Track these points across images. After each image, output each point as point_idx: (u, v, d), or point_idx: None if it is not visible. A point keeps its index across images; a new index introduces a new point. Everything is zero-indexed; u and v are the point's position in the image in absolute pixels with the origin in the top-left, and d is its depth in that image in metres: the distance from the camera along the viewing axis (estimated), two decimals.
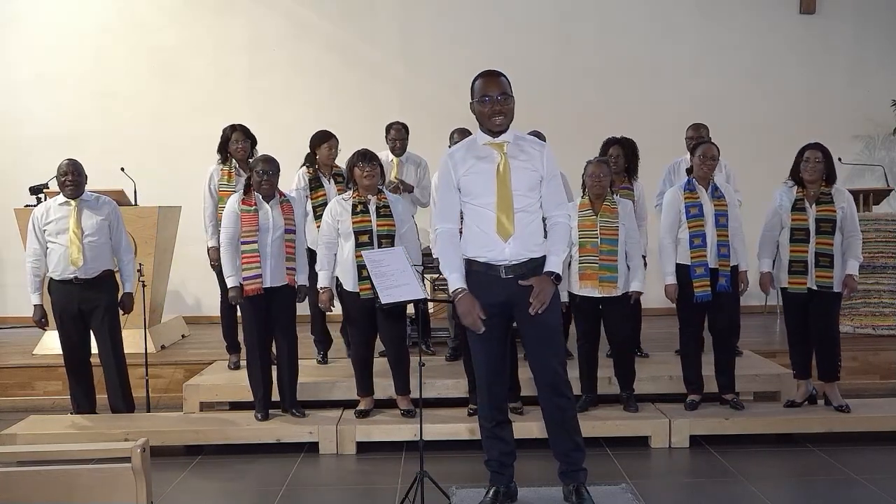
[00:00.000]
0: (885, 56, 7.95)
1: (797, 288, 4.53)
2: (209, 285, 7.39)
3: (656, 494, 3.86)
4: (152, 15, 7.77)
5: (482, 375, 3.36)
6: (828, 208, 4.45)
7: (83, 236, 4.58)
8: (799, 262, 4.51)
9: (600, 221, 4.48)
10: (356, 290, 4.40)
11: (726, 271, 4.52)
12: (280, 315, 4.55)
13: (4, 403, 5.52)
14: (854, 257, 4.48)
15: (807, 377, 4.75)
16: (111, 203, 4.78)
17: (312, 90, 7.79)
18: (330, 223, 4.48)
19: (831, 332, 4.59)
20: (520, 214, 3.21)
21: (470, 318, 3.17)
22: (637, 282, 4.59)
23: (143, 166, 6.54)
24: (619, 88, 7.78)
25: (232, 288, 4.50)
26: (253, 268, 4.42)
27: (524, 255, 3.21)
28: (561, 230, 3.27)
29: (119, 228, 4.76)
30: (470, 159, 3.27)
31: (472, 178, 3.24)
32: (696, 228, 4.53)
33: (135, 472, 2.41)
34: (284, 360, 4.62)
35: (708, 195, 4.55)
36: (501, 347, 3.33)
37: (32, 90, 7.71)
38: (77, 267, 4.57)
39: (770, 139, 7.55)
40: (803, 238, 4.50)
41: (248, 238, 4.42)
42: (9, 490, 2.40)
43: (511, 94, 3.22)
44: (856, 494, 3.87)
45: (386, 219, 4.40)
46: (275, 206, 4.49)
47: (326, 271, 4.50)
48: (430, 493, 3.50)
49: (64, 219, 4.60)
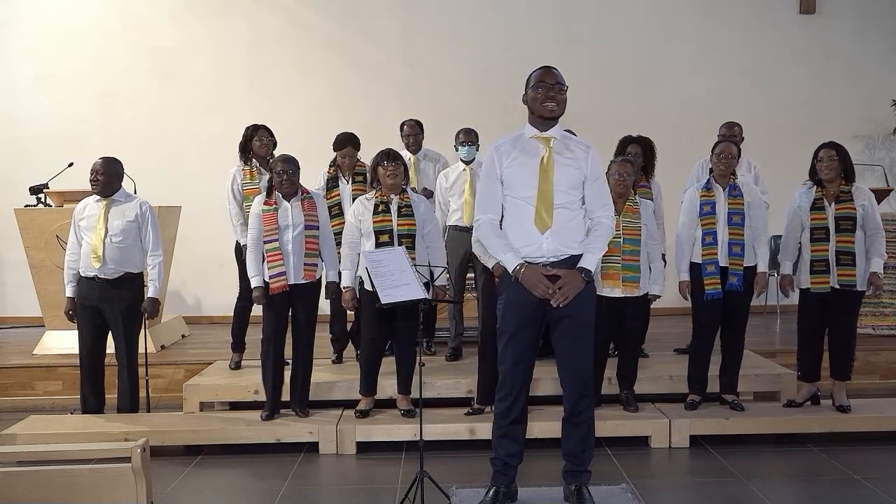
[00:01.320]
0: (885, 56, 7.95)
1: (820, 287, 4.51)
2: (209, 285, 7.43)
3: (656, 494, 3.86)
4: (152, 15, 7.77)
5: (508, 371, 3.34)
6: (847, 206, 4.44)
7: (106, 235, 4.58)
8: (820, 262, 4.49)
9: (623, 221, 4.48)
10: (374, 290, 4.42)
11: (738, 270, 4.51)
12: (300, 313, 4.56)
13: (4, 403, 5.52)
14: (878, 255, 4.47)
15: (813, 381, 4.72)
16: (144, 205, 4.72)
17: (312, 90, 7.79)
18: (353, 223, 4.50)
19: (851, 331, 4.59)
20: (559, 210, 3.20)
21: (541, 287, 3.15)
22: (657, 285, 4.60)
23: (143, 166, 6.52)
24: (618, 88, 7.79)
25: (256, 288, 4.53)
26: (277, 265, 4.45)
27: (563, 251, 3.21)
28: (603, 230, 3.28)
29: (149, 230, 4.71)
30: (514, 152, 3.28)
31: (514, 171, 3.25)
32: (707, 226, 4.55)
33: (135, 472, 2.41)
34: (300, 358, 4.62)
35: (725, 194, 4.55)
36: (532, 346, 3.33)
37: (32, 90, 7.71)
38: (96, 267, 4.57)
39: (770, 139, 7.54)
40: (823, 237, 4.49)
41: (270, 237, 4.45)
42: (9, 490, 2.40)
43: (566, 86, 3.25)
44: (856, 494, 3.87)
45: (407, 218, 4.41)
46: (295, 203, 4.50)
47: (350, 271, 4.51)
48: (430, 493, 3.51)
49: (94, 216, 4.61)
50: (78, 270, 4.68)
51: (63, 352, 5.72)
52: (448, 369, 5.20)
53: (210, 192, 5.23)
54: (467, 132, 5.33)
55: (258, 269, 4.51)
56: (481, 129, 5.52)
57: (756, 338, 6.15)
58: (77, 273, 4.68)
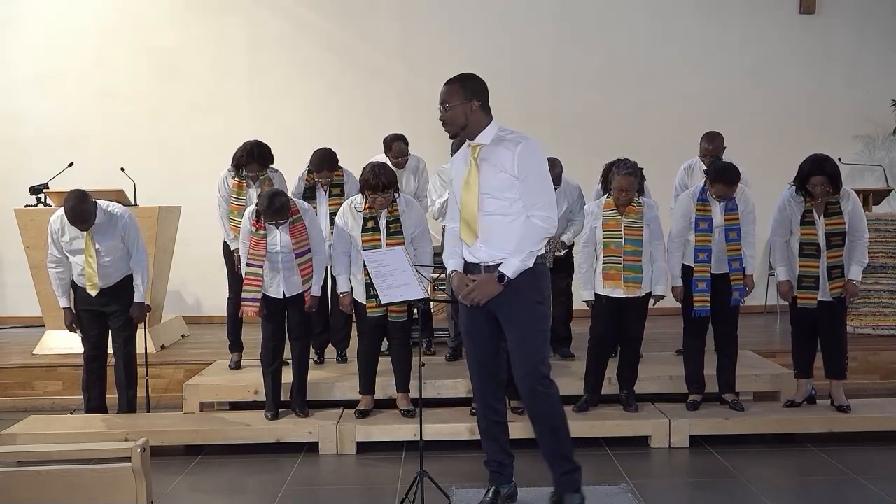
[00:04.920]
0: (885, 56, 7.95)
1: (807, 303, 4.52)
2: (209, 285, 7.42)
3: (656, 494, 3.86)
4: (152, 15, 7.77)
5: (472, 374, 3.40)
6: (837, 221, 4.42)
7: (98, 258, 4.55)
8: (809, 278, 4.49)
9: (625, 221, 4.48)
10: (364, 303, 4.48)
11: (739, 285, 4.55)
12: (294, 314, 4.59)
13: (4, 403, 5.52)
14: (857, 262, 4.46)
15: (808, 377, 4.75)
16: (124, 215, 4.61)
17: (312, 90, 7.78)
18: (343, 228, 4.50)
19: (838, 332, 4.60)
20: (491, 218, 3.19)
21: (462, 291, 3.21)
22: (661, 285, 4.58)
23: (143, 166, 6.53)
24: (618, 88, 7.78)
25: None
26: (252, 291, 4.47)
27: (498, 256, 3.19)
28: (530, 231, 3.15)
29: (133, 239, 4.65)
30: (458, 162, 3.35)
31: (454, 181, 3.35)
32: (702, 243, 4.55)
33: (135, 472, 2.41)
34: (295, 358, 4.65)
35: (720, 208, 4.55)
36: (491, 347, 3.34)
37: (32, 90, 7.71)
38: (97, 287, 4.57)
39: (770, 139, 7.55)
40: (814, 254, 4.47)
41: (254, 262, 4.45)
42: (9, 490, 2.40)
43: (452, 103, 3.19)
44: (856, 494, 3.87)
45: (396, 236, 4.39)
46: (283, 229, 4.46)
47: (344, 276, 4.54)
48: (430, 493, 3.51)
49: (78, 239, 4.54)
50: (68, 280, 4.65)
51: (63, 352, 5.72)
52: (448, 369, 5.20)
53: (210, 192, 5.22)
54: None
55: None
56: None
57: (756, 338, 6.15)
58: (68, 282, 4.66)
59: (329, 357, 5.51)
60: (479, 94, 3.21)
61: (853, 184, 7.39)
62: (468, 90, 3.19)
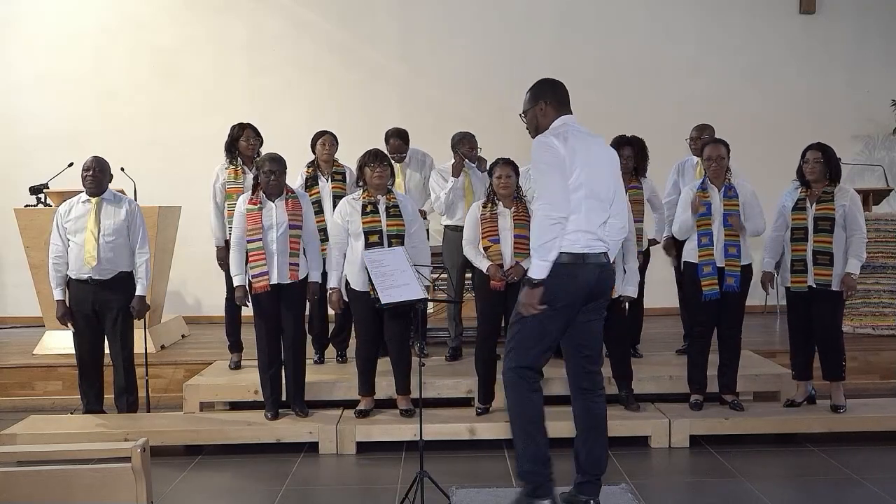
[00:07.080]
0: (885, 56, 7.95)
1: (798, 287, 4.57)
2: (209, 285, 7.42)
3: (656, 494, 3.86)
4: (152, 15, 7.77)
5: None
6: (827, 207, 4.47)
7: (100, 235, 4.57)
8: (799, 262, 4.55)
9: None
10: (365, 289, 4.42)
11: (735, 271, 4.53)
12: (287, 313, 4.56)
13: (4, 403, 5.52)
14: (855, 256, 4.48)
15: (806, 379, 4.75)
16: (133, 203, 4.75)
17: (312, 90, 7.78)
18: (340, 223, 4.50)
19: (834, 331, 4.60)
20: None
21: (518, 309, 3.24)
22: (631, 286, 4.48)
23: (143, 166, 6.51)
24: (618, 88, 7.78)
25: (238, 287, 4.54)
26: (259, 265, 4.44)
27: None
28: (534, 223, 3.17)
29: (138, 229, 4.70)
30: None
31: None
32: (703, 227, 4.57)
33: (135, 472, 2.41)
34: (290, 358, 4.62)
35: (720, 195, 4.57)
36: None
37: (32, 90, 7.71)
38: (91, 266, 4.55)
39: (770, 139, 7.54)
40: (802, 237, 4.54)
41: (253, 236, 4.44)
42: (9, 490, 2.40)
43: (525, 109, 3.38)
44: (856, 494, 3.87)
45: (396, 219, 4.42)
46: (280, 203, 4.49)
47: (336, 272, 4.53)
48: (430, 493, 3.51)
49: (83, 217, 4.59)
50: (65, 273, 4.64)
51: (63, 352, 5.71)
52: (448, 369, 5.20)
53: (210, 192, 5.22)
54: (464, 134, 5.30)
55: (240, 269, 4.51)
56: (480, 129, 5.52)
57: (756, 338, 6.15)
58: (64, 276, 4.65)
59: (329, 357, 5.51)
60: (545, 95, 3.32)
61: (853, 184, 7.38)
62: (534, 94, 3.34)
